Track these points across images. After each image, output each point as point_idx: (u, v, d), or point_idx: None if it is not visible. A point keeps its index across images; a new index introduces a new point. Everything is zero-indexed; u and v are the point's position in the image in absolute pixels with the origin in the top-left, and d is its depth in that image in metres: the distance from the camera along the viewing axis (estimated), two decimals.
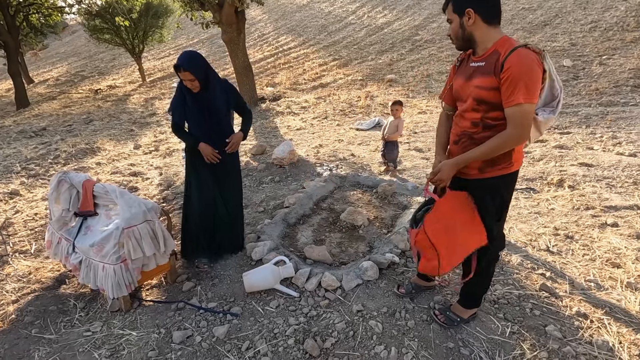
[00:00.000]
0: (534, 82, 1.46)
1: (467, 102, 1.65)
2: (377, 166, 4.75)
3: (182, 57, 2.29)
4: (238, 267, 2.63)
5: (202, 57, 2.37)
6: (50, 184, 2.40)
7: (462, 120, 1.71)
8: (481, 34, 1.58)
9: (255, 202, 3.73)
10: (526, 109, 1.48)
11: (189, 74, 2.27)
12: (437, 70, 11.75)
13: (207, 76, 2.36)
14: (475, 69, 1.61)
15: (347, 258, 2.71)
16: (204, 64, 2.36)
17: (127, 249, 2.08)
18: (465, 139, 1.70)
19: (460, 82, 1.69)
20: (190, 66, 2.26)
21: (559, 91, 1.54)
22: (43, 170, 5.80)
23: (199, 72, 2.30)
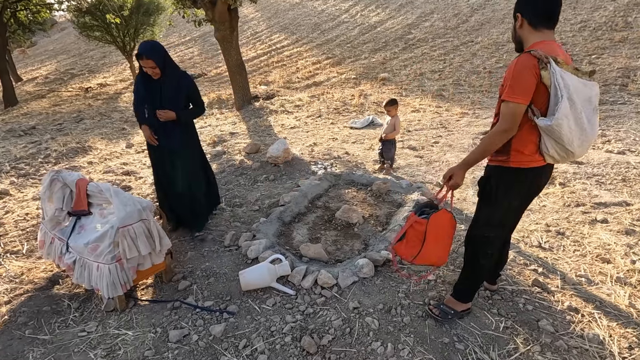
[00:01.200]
0: (519, 83, 1.54)
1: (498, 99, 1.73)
2: (371, 164, 4.78)
3: (144, 46, 2.55)
4: (234, 266, 2.63)
5: (161, 46, 2.66)
6: (42, 183, 2.37)
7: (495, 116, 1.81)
8: (526, 38, 1.65)
9: (250, 201, 3.73)
10: (510, 106, 1.56)
11: (151, 62, 2.54)
12: (430, 69, 11.82)
13: (165, 63, 2.63)
14: None
15: (342, 256, 2.73)
16: (164, 52, 2.65)
17: (123, 248, 2.07)
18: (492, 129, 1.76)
19: None
20: (152, 54, 2.54)
21: (560, 99, 1.52)
22: (33, 170, 5.71)
23: (159, 60, 2.59)
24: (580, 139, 1.59)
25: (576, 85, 1.54)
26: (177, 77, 2.73)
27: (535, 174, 1.73)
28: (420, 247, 1.85)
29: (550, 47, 1.57)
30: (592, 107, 1.60)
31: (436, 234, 1.85)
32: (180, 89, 2.75)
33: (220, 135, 6.80)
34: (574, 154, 1.63)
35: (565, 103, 1.52)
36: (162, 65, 2.61)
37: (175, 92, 2.72)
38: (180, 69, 2.81)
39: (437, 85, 10.05)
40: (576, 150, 1.61)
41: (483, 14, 15.73)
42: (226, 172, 4.60)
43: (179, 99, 2.75)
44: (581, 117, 1.56)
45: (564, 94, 1.52)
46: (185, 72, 2.82)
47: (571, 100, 1.53)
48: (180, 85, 2.75)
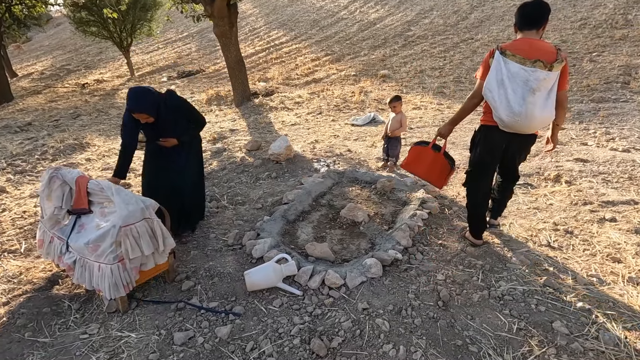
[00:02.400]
0: (481, 67, 2.28)
1: None
2: (374, 162, 4.72)
3: (132, 100, 2.44)
4: (238, 265, 2.57)
5: (151, 93, 2.52)
6: (41, 181, 2.30)
7: None
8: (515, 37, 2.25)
9: (252, 199, 3.67)
10: (475, 82, 2.33)
11: (144, 115, 2.47)
12: (430, 66, 11.75)
13: (159, 110, 2.54)
14: None
15: (349, 255, 2.67)
16: (155, 99, 2.52)
17: (125, 248, 2.00)
18: None
19: None
20: (144, 108, 2.45)
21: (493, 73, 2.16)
22: (30, 167, 5.62)
23: (152, 110, 2.49)
24: (506, 110, 2.14)
25: (514, 70, 2.08)
26: (171, 111, 2.63)
27: (493, 131, 2.35)
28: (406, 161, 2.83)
29: (522, 42, 2.12)
30: (527, 87, 2.07)
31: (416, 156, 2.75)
32: (177, 119, 2.67)
33: (220, 132, 6.72)
34: (503, 120, 2.19)
35: (491, 79, 2.15)
36: (155, 114, 2.53)
37: (173, 123, 2.65)
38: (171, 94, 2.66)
39: (438, 83, 9.99)
40: (504, 119, 2.17)
41: (483, 11, 15.66)
42: (227, 169, 4.53)
43: (177, 126, 2.69)
44: (506, 92, 2.11)
45: (493, 73, 2.15)
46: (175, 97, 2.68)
47: (499, 79, 2.13)
48: (176, 117, 2.67)
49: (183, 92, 12.36)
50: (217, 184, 4.10)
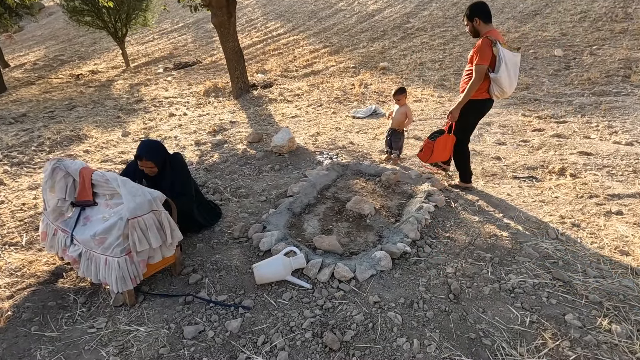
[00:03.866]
0: (484, 54, 2.87)
1: (468, 61, 3.11)
2: (377, 154, 4.69)
3: (144, 148, 2.50)
4: (245, 259, 2.54)
5: (161, 145, 2.63)
6: (44, 172, 2.24)
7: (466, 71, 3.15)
8: (481, 30, 2.98)
9: (256, 191, 3.62)
10: (480, 67, 2.91)
11: (151, 163, 2.50)
12: (430, 58, 11.68)
13: (164, 163, 2.59)
14: (474, 45, 2.98)
15: (357, 248, 2.65)
16: (164, 152, 2.61)
17: (133, 241, 1.96)
18: (464, 80, 3.16)
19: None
20: (152, 156, 2.50)
21: (500, 62, 2.87)
22: (27, 158, 5.53)
23: (159, 161, 2.55)
24: (510, 85, 2.99)
25: (508, 55, 2.89)
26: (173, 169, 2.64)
27: (487, 102, 3.14)
28: (430, 155, 3.40)
29: (496, 33, 2.91)
30: (517, 67, 2.97)
31: (441, 148, 3.35)
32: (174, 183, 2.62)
33: (220, 124, 6.64)
34: (505, 92, 3.02)
35: (503, 65, 2.87)
36: (161, 166, 2.57)
37: (171, 185, 2.61)
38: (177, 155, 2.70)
39: (438, 75, 9.94)
40: (507, 91, 3.01)
41: None
42: (229, 161, 4.48)
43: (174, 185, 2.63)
44: (510, 73, 2.94)
45: (503, 60, 2.86)
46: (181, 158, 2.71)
47: (506, 64, 2.88)
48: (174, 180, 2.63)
49: (180, 83, 12.21)
50: (220, 177, 4.05)
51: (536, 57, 10.03)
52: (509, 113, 6.41)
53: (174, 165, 2.63)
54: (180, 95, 10.56)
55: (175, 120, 7.61)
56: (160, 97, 10.40)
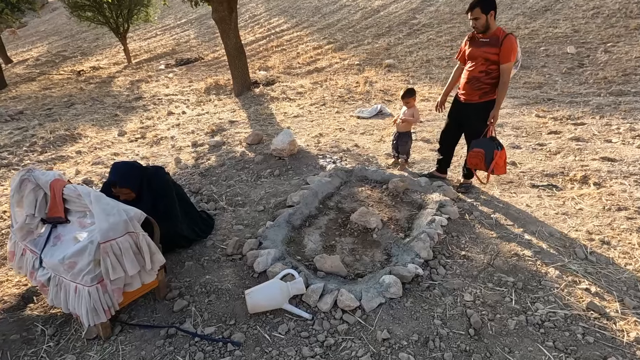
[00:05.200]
0: (514, 52, 2.83)
1: (478, 60, 2.97)
2: (383, 158, 4.41)
3: (116, 174, 2.22)
4: (238, 280, 2.28)
5: (136, 168, 2.32)
6: (11, 184, 1.99)
7: (473, 71, 3.03)
8: (493, 24, 2.88)
9: (253, 200, 3.36)
10: (510, 65, 2.87)
11: (127, 189, 2.23)
12: (437, 55, 11.33)
13: (141, 187, 2.30)
14: (483, 42, 2.92)
15: (362, 268, 2.38)
16: (140, 175, 2.30)
17: (105, 267, 1.71)
18: (474, 80, 3.03)
19: (473, 49, 3.01)
20: (127, 182, 2.22)
21: (519, 59, 3.00)
22: (17, 160, 5.31)
23: (135, 186, 2.26)
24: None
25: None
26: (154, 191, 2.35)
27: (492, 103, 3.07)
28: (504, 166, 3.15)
29: (503, 32, 2.86)
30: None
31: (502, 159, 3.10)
32: (156, 205, 2.34)
33: (218, 123, 6.38)
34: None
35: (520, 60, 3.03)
36: (138, 191, 2.29)
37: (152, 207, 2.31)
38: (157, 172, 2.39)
39: (446, 73, 9.60)
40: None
41: None
42: (226, 165, 4.21)
43: (157, 208, 2.34)
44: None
45: (520, 56, 2.99)
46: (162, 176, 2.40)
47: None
48: (156, 202, 2.34)
49: (181, 80, 11.96)
50: (216, 182, 3.79)
51: (547, 54, 9.67)
52: (522, 113, 6.09)
53: (154, 186, 2.34)
54: (180, 93, 10.31)
55: (173, 119, 7.36)
56: (160, 95, 10.15)
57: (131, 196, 2.30)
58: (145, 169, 2.38)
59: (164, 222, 2.35)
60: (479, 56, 2.93)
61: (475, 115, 3.15)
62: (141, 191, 2.31)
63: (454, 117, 3.41)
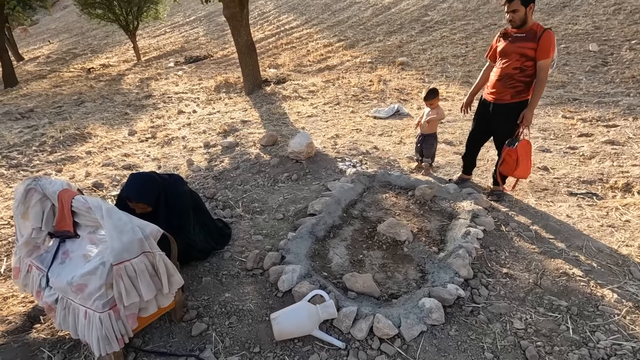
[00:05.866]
0: (554, 49, 2.63)
1: (512, 56, 2.75)
2: (405, 162, 4.18)
3: (132, 188, 2.04)
4: (260, 299, 2.09)
5: (153, 181, 2.12)
6: (15, 194, 1.82)
7: (506, 68, 2.80)
8: (530, 19, 2.67)
9: (271, 207, 3.17)
10: (549, 61, 2.64)
11: (142, 204, 2.05)
12: (452, 53, 11.03)
13: (158, 201, 2.12)
14: (519, 37, 2.70)
15: (396, 288, 2.17)
16: (157, 188, 2.11)
17: (119, 292, 1.53)
18: (507, 78, 2.81)
19: (506, 45, 2.79)
20: (143, 197, 2.04)
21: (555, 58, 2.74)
22: (26, 160, 5.18)
23: (151, 200, 2.08)
24: None
25: None
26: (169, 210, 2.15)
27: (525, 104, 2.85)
28: (515, 166, 2.87)
29: (540, 26, 2.68)
30: None
31: (525, 156, 2.87)
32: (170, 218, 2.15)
33: (230, 123, 6.20)
34: None
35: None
36: (154, 205, 2.10)
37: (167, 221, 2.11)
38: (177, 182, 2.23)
39: (462, 71, 9.31)
40: None
41: None
42: (241, 168, 4.03)
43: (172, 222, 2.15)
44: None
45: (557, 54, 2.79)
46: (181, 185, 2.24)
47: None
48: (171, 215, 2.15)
49: (190, 78, 11.82)
50: (231, 187, 3.60)
51: (568, 52, 9.32)
52: (547, 114, 5.81)
53: (171, 199, 2.16)
54: (190, 91, 10.16)
55: (184, 118, 7.20)
56: (169, 93, 10.02)
57: (147, 210, 2.13)
58: (164, 179, 2.19)
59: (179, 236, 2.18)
60: (513, 52, 2.73)
61: (506, 116, 2.92)
62: (158, 204, 2.13)
63: (482, 119, 3.16)
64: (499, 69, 2.88)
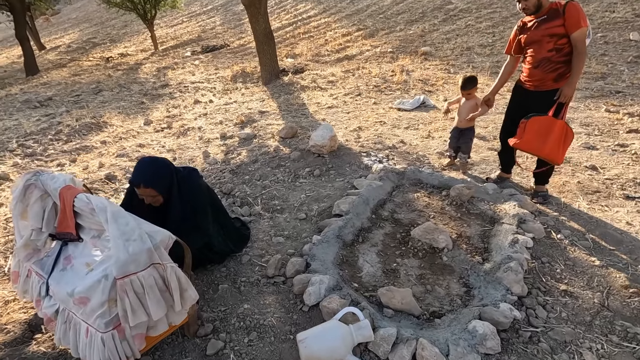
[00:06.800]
0: (584, 16, 2.40)
1: (542, 41, 2.53)
2: (435, 158, 3.87)
3: (141, 172, 1.82)
4: (283, 313, 1.86)
5: (166, 167, 1.91)
6: (12, 191, 1.62)
7: (539, 53, 2.56)
8: (544, 1, 2.53)
9: (293, 205, 2.92)
10: (583, 30, 2.40)
11: (153, 191, 1.83)
12: (479, 42, 10.50)
13: (171, 189, 1.90)
14: (541, 21, 2.52)
15: (437, 304, 1.90)
16: (170, 175, 1.90)
17: (123, 309, 1.31)
18: (545, 62, 2.55)
19: (531, 34, 2.59)
20: (154, 182, 1.82)
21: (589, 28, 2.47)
22: (41, 149, 5.08)
23: (163, 188, 1.87)
24: None
25: None
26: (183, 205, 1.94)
27: None
28: (521, 136, 2.58)
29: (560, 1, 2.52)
30: None
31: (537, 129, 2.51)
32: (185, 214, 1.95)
33: (248, 113, 5.97)
34: None
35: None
36: (166, 193, 1.89)
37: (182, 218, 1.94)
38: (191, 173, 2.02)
39: (490, 62, 8.82)
40: None
41: None
42: (260, 162, 3.79)
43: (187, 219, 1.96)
44: None
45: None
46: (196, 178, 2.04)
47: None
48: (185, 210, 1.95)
49: (207, 67, 11.65)
50: (249, 182, 3.37)
51: (606, 41, 8.71)
52: (589, 108, 5.36)
53: (185, 192, 1.94)
54: (207, 80, 9.98)
55: (200, 108, 7.01)
56: (186, 82, 9.87)
57: (158, 200, 1.90)
58: (177, 170, 1.97)
59: (194, 236, 1.95)
60: (541, 36, 2.52)
61: (549, 104, 2.60)
62: (170, 196, 1.91)
63: (519, 108, 2.82)
64: (530, 58, 2.65)
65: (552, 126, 2.49)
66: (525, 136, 2.53)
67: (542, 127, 2.50)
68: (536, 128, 2.51)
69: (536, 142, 2.51)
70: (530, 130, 2.51)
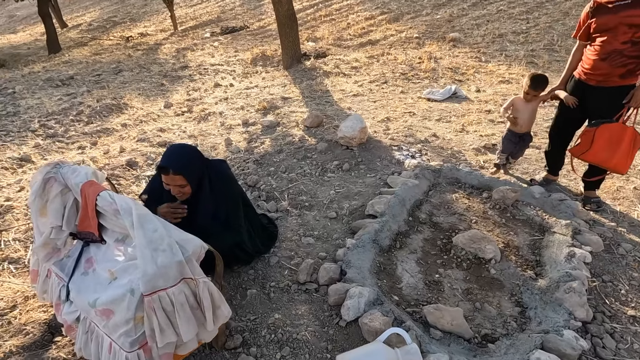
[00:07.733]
0: None
1: (617, 29, 2.22)
2: (472, 154, 3.61)
3: (171, 156, 1.67)
4: (318, 327, 1.70)
5: (197, 155, 1.78)
6: (31, 185, 1.49)
7: (611, 43, 2.26)
8: None
9: (322, 202, 2.74)
10: None
11: (182, 179, 1.66)
12: (512, 29, 9.95)
13: (202, 178, 1.77)
14: (621, 6, 2.19)
15: (489, 326, 1.71)
16: (201, 164, 1.77)
17: (150, 329, 1.17)
18: (616, 55, 2.26)
19: (607, 18, 2.25)
20: (184, 168, 1.66)
21: None
22: (62, 130, 5.02)
23: (193, 177, 1.71)
24: None
25: None
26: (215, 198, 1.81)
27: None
28: (588, 147, 2.33)
29: None
30: None
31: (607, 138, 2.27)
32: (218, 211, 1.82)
33: (270, 99, 5.77)
34: None
35: None
36: (196, 184, 1.74)
37: (214, 213, 1.82)
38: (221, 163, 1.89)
39: (524, 50, 8.33)
40: None
41: None
42: (285, 152, 3.61)
43: (219, 216, 1.83)
44: None
45: None
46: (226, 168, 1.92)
47: None
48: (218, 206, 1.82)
49: (227, 49, 11.42)
50: (274, 174, 3.21)
51: None
52: None
53: (215, 184, 1.79)
54: (226, 63, 9.78)
55: (220, 92, 6.84)
56: (205, 64, 9.69)
57: (185, 192, 1.75)
58: (208, 160, 1.82)
59: (225, 234, 1.81)
60: (618, 24, 2.20)
61: (612, 103, 2.35)
62: (200, 189, 1.76)
63: (576, 106, 2.54)
64: (598, 47, 2.32)
65: (622, 134, 2.26)
66: (594, 146, 2.29)
67: (613, 136, 2.26)
68: (607, 137, 2.26)
69: (605, 153, 2.27)
70: (600, 139, 2.27)
